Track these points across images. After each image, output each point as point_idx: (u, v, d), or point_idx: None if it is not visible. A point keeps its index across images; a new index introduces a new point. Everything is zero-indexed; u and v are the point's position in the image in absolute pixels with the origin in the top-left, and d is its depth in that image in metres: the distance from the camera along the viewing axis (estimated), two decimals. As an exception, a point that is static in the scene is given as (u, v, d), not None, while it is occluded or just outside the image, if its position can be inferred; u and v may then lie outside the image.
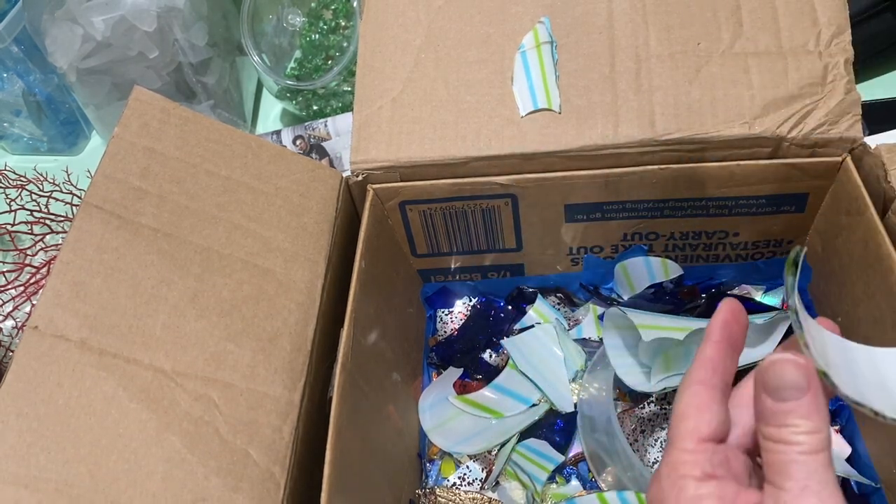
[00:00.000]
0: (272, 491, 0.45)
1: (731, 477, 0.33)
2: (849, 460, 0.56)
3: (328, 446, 0.44)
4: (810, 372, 0.30)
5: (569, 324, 0.67)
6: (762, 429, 0.31)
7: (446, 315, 0.71)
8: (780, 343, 0.59)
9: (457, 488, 0.60)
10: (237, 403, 0.46)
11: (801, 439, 0.30)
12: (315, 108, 0.86)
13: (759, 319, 0.59)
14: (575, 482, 0.60)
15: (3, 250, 0.82)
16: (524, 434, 0.61)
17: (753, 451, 0.35)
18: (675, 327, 0.55)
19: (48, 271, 0.74)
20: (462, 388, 0.66)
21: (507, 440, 0.61)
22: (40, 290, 0.69)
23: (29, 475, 0.40)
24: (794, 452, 0.30)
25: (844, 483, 0.55)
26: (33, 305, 0.70)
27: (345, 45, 0.85)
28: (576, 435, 0.61)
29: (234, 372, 0.48)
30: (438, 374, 0.67)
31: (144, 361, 0.45)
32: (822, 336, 0.33)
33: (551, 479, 0.60)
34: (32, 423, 0.41)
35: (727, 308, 0.36)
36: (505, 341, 0.66)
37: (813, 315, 0.63)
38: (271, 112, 0.96)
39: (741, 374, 0.37)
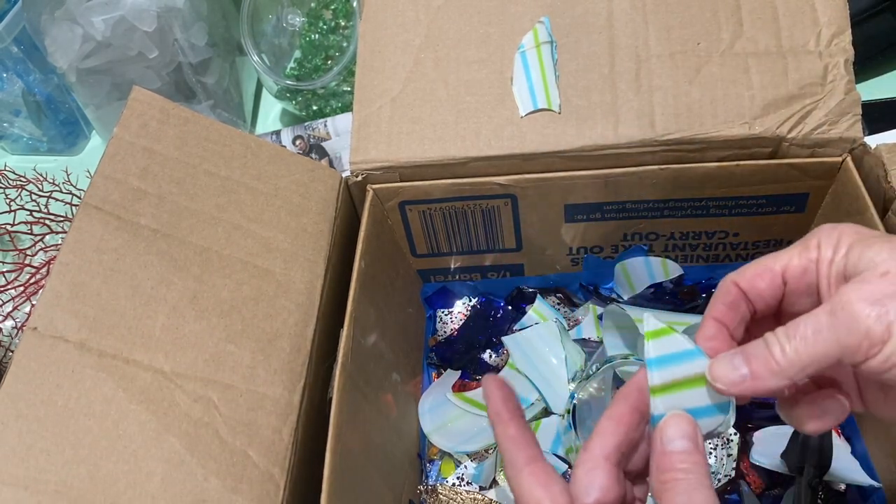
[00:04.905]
0: (272, 492, 0.45)
1: None
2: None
3: (328, 447, 0.44)
4: None
5: (569, 324, 0.67)
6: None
7: (446, 315, 0.71)
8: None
9: (457, 488, 0.60)
10: (237, 405, 0.46)
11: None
12: (315, 108, 0.86)
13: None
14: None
15: (3, 250, 0.82)
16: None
17: None
18: (676, 322, 0.55)
19: (48, 271, 0.74)
20: (461, 388, 0.66)
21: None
22: (40, 291, 0.69)
23: (28, 476, 0.40)
24: None
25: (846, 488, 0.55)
26: (33, 305, 0.70)
27: (344, 45, 0.85)
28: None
29: (234, 373, 0.47)
30: (438, 374, 0.67)
31: (144, 362, 0.45)
32: None
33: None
34: (32, 425, 0.41)
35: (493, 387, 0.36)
36: (506, 338, 0.65)
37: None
38: (271, 112, 0.96)
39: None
